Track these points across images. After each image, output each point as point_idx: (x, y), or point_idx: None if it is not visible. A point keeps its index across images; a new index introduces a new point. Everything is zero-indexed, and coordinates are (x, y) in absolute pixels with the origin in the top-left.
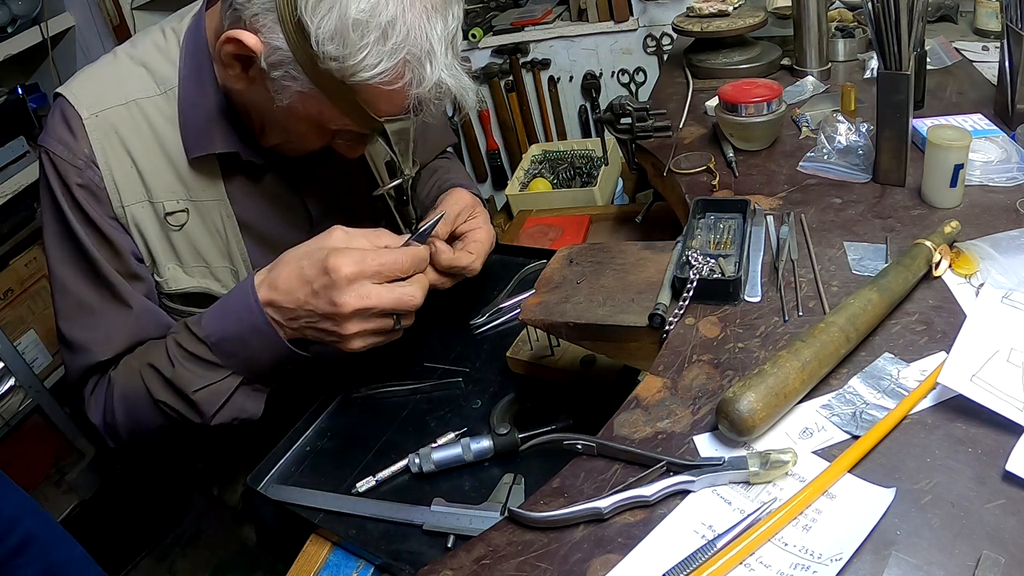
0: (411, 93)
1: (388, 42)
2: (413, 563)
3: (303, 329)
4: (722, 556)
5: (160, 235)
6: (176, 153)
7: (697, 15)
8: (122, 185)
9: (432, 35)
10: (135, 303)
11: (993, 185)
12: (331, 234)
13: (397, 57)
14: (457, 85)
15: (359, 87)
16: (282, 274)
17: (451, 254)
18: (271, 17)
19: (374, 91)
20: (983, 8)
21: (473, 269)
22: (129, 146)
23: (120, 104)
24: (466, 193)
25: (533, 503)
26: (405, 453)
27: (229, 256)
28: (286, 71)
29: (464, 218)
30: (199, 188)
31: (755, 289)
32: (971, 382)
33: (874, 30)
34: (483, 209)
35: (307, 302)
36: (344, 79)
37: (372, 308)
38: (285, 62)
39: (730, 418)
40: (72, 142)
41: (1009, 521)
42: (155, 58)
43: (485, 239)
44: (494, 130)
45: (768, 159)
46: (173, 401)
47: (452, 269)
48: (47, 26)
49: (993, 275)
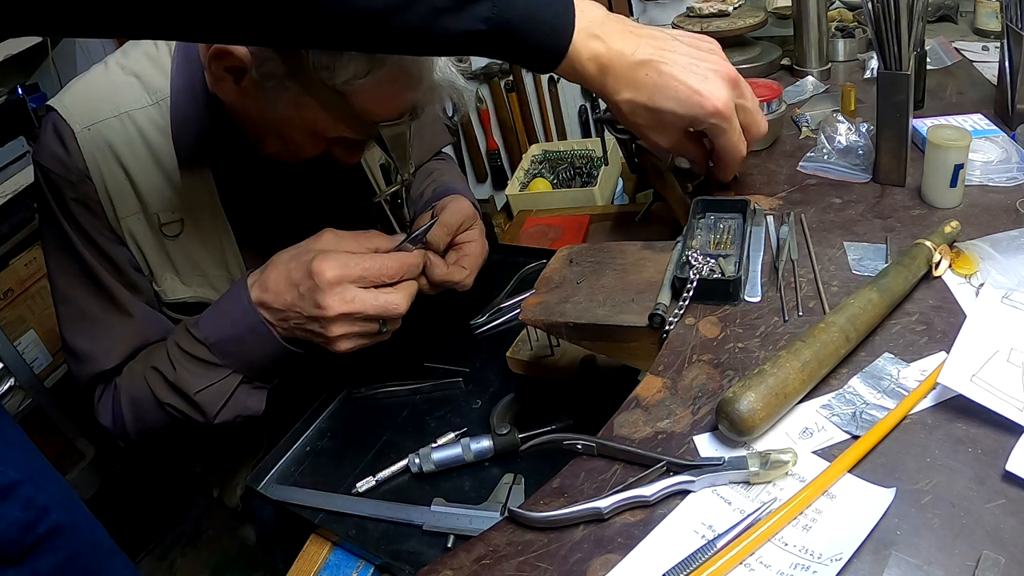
0: (404, 97)
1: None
2: (413, 563)
3: (293, 329)
4: (722, 556)
5: (156, 246)
6: (169, 164)
7: (697, 15)
8: (116, 198)
9: None
10: (136, 310)
11: (993, 185)
12: (321, 237)
13: (389, 62)
14: (451, 86)
15: (352, 93)
16: (271, 276)
17: (444, 268)
18: None
19: (367, 97)
20: (983, 8)
21: (465, 285)
22: (122, 159)
23: (112, 116)
24: (466, 203)
25: (533, 503)
26: (405, 453)
27: (225, 265)
28: (278, 81)
29: (462, 229)
30: (193, 198)
31: (755, 289)
32: (971, 382)
33: (874, 30)
34: (480, 222)
35: (294, 304)
36: (336, 86)
37: (356, 313)
38: (276, 73)
39: (730, 418)
40: (65, 157)
41: (1009, 521)
42: (147, 68)
43: (479, 253)
44: (494, 130)
45: (768, 159)
46: (177, 403)
47: (445, 284)
48: None
49: (993, 275)
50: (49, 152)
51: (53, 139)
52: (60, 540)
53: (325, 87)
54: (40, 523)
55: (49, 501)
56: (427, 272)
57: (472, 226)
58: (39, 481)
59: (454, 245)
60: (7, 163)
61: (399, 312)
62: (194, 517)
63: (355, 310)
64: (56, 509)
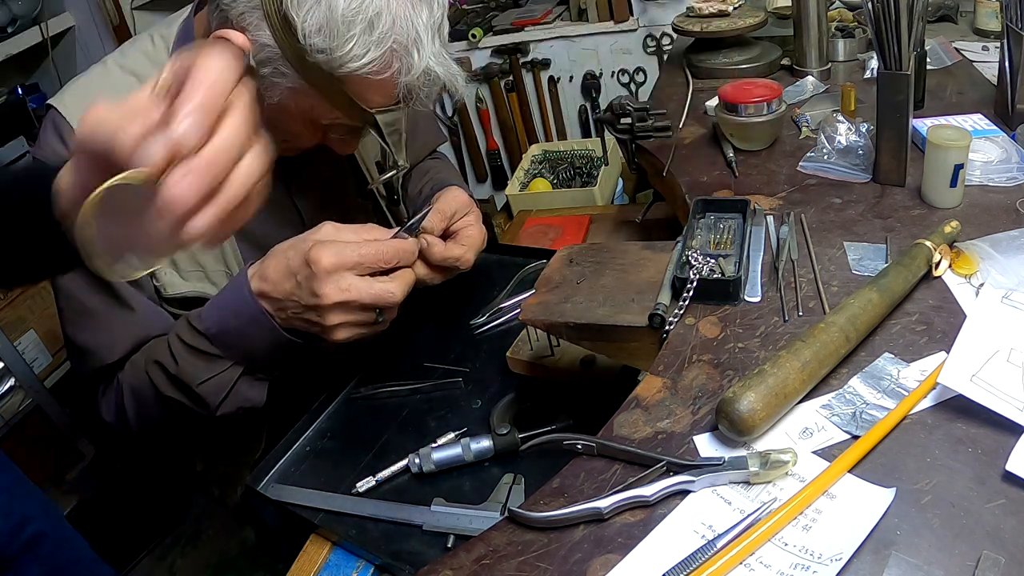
0: (400, 82)
1: (375, 32)
2: (413, 563)
3: (291, 320)
4: (722, 556)
5: None
6: None
7: (697, 15)
8: None
9: (418, 23)
10: (137, 304)
11: (993, 185)
12: (320, 228)
13: (384, 46)
14: (446, 72)
15: (348, 79)
16: (271, 266)
17: (443, 247)
18: (257, 15)
19: (363, 82)
20: (983, 8)
21: (466, 260)
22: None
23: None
24: (462, 193)
25: (533, 503)
26: (405, 453)
27: (224, 259)
28: (274, 67)
29: (459, 216)
30: None
31: (755, 289)
32: (971, 382)
33: (874, 30)
34: (477, 210)
35: (293, 293)
36: (332, 71)
37: (352, 301)
38: (273, 58)
39: (730, 418)
40: (64, 153)
41: (1009, 521)
42: (145, 66)
43: (477, 235)
44: (494, 130)
45: (768, 159)
46: (179, 396)
47: (445, 261)
48: (47, 26)
49: (993, 275)
50: (48, 148)
51: (52, 135)
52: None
53: (321, 72)
54: (23, 531)
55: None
56: (426, 255)
57: (469, 213)
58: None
59: (452, 233)
60: (7, 163)
61: (395, 300)
62: (194, 517)
63: (351, 298)
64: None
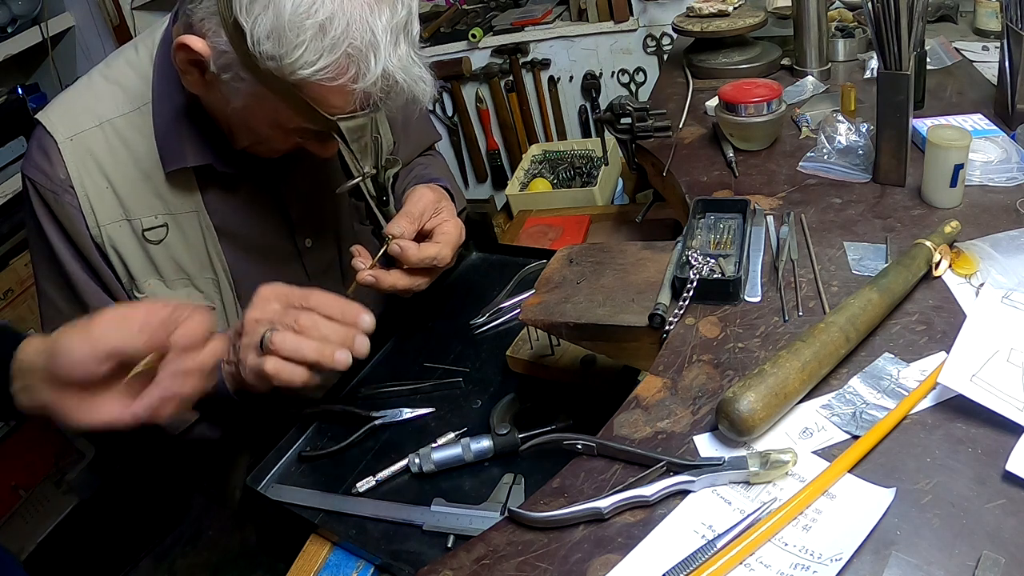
0: (356, 88)
1: (326, 37)
2: (413, 563)
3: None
4: (722, 556)
5: (139, 252)
6: (153, 168)
7: (697, 15)
8: (98, 206)
9: (376, 26)
10: None
11: (993, 185)
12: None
13: (337, 52)
14: (405, 76)
15: (303, 84)
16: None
17: (416, 248)
18: (215, 20)
19: (319, 88)
20: (983, 8)
21: (443, 257)
22: (105, 167)
23: (94, 126)
24: (427, 190)
25: (533, 503)
26: (405, 453)
27: (211, 266)
28: (234, 73)
29: (429, 215)
30: (176, 201)
31: (755, 289)
32: (971, 382)
33: (874, 30)
34: (449, 203)
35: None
36: (285, 78)
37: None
38: (232, 64)
39: (730, 418)
40: (49, 168)
41: (1009, 521)
42: (128, 76)
43: (452, 230)
44: (494, 130)
45: (768, 159)
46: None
47: (423, 262)
48: (47, 26)
49: (993, 275)
50: (35, 164)
51: (38, 151)
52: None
53: (276, 78)
54: None
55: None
56: (402, 259)
57: (438, 209)
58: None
59: (428, 232)
60: (7, 163)
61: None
62: (194, 517)
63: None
64: None
